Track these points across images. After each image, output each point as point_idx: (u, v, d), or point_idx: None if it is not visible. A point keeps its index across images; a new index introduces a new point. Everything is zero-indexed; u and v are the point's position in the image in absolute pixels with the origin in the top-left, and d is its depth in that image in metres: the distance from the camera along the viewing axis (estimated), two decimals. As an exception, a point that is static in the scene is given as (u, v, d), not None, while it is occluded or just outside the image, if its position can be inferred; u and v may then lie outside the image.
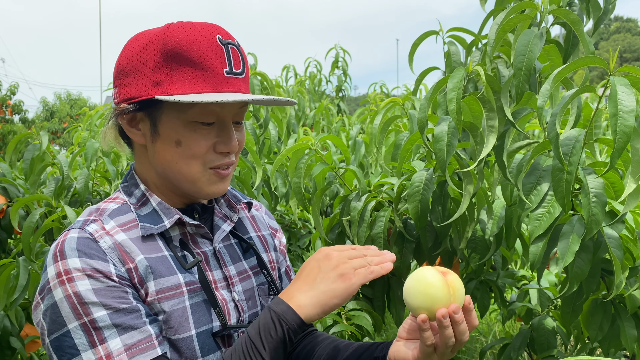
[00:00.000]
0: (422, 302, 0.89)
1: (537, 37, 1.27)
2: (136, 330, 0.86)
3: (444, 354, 0.92)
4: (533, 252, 1.28)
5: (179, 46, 0.90)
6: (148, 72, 0.92)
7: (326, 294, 0.87)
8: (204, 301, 0.96)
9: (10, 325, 2.11)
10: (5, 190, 2.66)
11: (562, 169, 1.21)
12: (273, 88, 2.50)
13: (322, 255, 0.91)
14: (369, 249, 0.94)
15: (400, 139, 1.78)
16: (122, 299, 0.87)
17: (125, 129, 0.98)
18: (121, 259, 0.90)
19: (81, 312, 0.85)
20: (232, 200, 1.09)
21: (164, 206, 0.98)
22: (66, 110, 23.56)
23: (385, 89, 5.27)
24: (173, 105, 0.93)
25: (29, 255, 1.93)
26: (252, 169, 2.21)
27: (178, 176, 0.97)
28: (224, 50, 0.93)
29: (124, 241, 0.92)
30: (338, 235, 1.87)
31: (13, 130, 15.23)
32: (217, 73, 0.92)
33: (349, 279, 0.87)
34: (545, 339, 1.83)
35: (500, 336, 3.32)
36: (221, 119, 0.96)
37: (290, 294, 0.89)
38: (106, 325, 0.85)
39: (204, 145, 0.94)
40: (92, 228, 0.92)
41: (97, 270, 0.87)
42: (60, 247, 0.88)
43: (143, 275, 0.91)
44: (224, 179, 0.99)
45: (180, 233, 0.99)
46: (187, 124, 0.93)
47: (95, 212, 0.97)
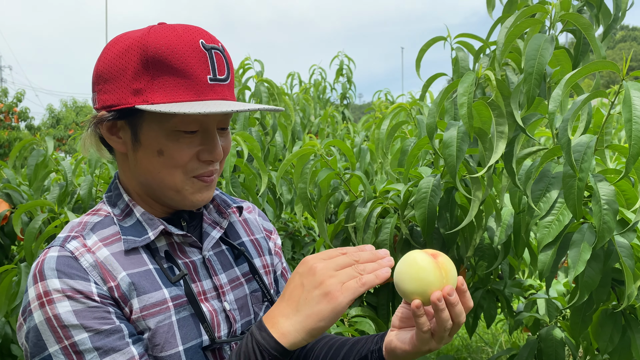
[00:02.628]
0: (415, 287, 0.85)
1: (548, 41, 1.25)
2: (118, 352, 0.83)
3: (442, 339, 0.89)
4: (542, 261, 1.26)
5: (160, 52, 0.86)
6: (128, 79, 0.88)
7: (311, 317, 0.78)
8: (192, 315, 0.92)
9: (11, 333, 2.09)
10: (9, 197, 2.65)
11: (573, 176, 1.18)
12: (280, 95, 2.49)
13: (306, 268, 0.81)
14: (362, 251, 0.84)
15: (407, 144, 1.76)
16: (104, 320, 0.84)
17: (105, 137, 0.94)
18: (103, 277, 0.87)
19: (62, 336, 0.82)
20: (222, 206, 1.05)
21: (147, 217, 0.94)
22: (72, 117, 23.68)
23: (390, 97, 5.26)
24: (154, 114, 0.89)
25: (31, 262, 1.92)
26: (258, 176, 2.19)
27: (161, 185, 0.93)
28: (208, 56, 0.89)
29: (106, 258, 0.89)
30: (343, 242, 1.85)
31: (19, 137, 15.31)
32: (200, 80, 0.88)
33: (334, 298, 0.77)
34: (554, 350, 1.79)
35: (507, 347, 3.28)
36: (205, 127, 0.92)
37: (273, 319, 0.82)
38: (87, 349, 0.82)
39: (187, 154, 0.91)
40: (72, 245, 0.88)
41: (78, 290, 0.84)
42: (40, 267, 0.85)
43: (126, 293, 0.88)
44: (208, 187, 0.95)
45: (167, 243, 0.96)
46: (169, 133, 0.89)
47: (77, 226, 0.93)
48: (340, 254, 0.83)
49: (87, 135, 0.96)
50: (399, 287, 0.88)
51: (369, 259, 0.83)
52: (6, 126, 16.05)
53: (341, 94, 5.60)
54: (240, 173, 2.25)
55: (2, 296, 1.92)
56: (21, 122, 17.21)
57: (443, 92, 1.42)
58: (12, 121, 16.32)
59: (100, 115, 0.91)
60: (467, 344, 4.23)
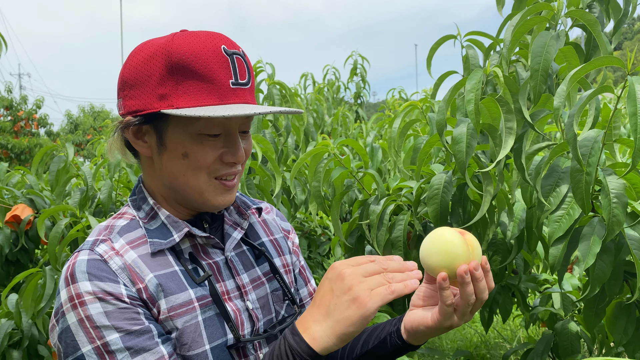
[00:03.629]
0: (442, 261, 0.87)
1: (554, 38, 1.26)
2: (148, 352, 0.86)
3: (464, 314, 0.91)
4: (553, 255, 1.27)
5: (184, 58, 0.89)
6: (153, 85, 0.91)
7: (341, 323, 0.80)
8: (217, 314, 0.95)
9: (38, 334, 2.16)
10: (32, 202, 2.73)
11: (580, 170, 1.20)
12: (292, 97, 2.52)
13: (335, 274, 0.83)
14: (390, 261, 0.85)
15: (419, 142, 1.78)
16: (134, 321, 0.87)
17: (131, 141, 0.97)
18: (131, 279, 0.90)
19: (94, 336, 0.85)
20: (242, 207, 1.08)
21: (172, 220, 0.97)
22: (90, 122, 24.03)
23: (404, 95, 5.27)
24: (179, 118, 0.92)
25: (55, 265, 1.98)
26: (272, 177, 2.23)
27: (185, 188, 0.96)
28: (230, 61, 0.91)
29: (134, 260, 0.92)
30: (357, 240, 1.88)
31: (39, 143, 15.58)
32: (223, 85, 0.90)
33: (363, 303, 0.78)
34: (569, 344, 1.80)
35: (524, 342, 3.27)
36: (228, 130, 0.95)
37: (305, 324, 0.83)
38: (119, 349, 0.85)
39: (211, 156, 0.93)
40: (101, 249, 0.91)
41: (108, 292, 0.87)
42: (71, 270, 0.88)
43: (154, 294, 0.90)
44: (230, 190, 0.98)
45: (191, 245, 0.98)
46: (193, 136, 0.92)
47: (105, 230, 0.96)
48: (369, 261, 0.84)
49: (114, 140, 1.00)
50: (425, 261, 0.90)
51: (397, 268, 0.83)
52: (26, 133, 16.35)
53: (355, 93, 5.62)
54: (255, 175, 2.29)
55: (28, 298, 1.98)
56: (41, 129, 17.51)
57: (452, 90, 1.45)
58: (32, 128, 16.62)
59: (127, 120, 0.94)
60: (486, 340, 4.22)
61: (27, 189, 2.76)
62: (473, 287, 0.88)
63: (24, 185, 2.92)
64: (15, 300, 2.12)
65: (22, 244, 2.62)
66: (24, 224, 2.59)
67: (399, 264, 0.84)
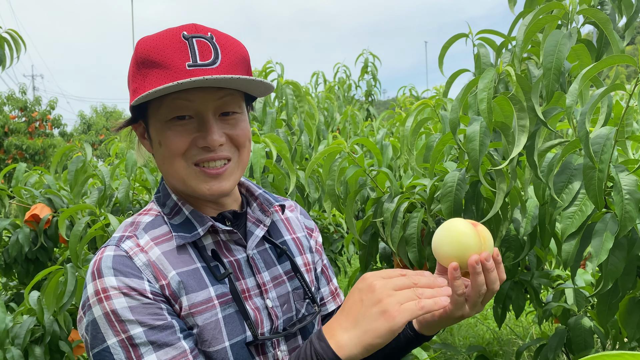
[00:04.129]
0: (454, 251, 0.89)
1: (566, 37, 1.28)
2: (171, 347, 0.88)
3: (475, 305, 0.93)
4: (566, 251, 1.29)
5: (145, 52, 0.92)
6: (129, 84, 0.96)
7: (368, 334, 0.80)
8: (237, 312, 0.96)
9: (59, 330, 2.21)
10: (50, 201, 2.79)
11: (593, 167, 1.21)
12: (305, 96, 2.55)
13: (365, 285, 0.83)
14: (421, 276, 0.84)
15: (431, 140, 1.80)
16: (157, 316, 0.89)
17: (140, 142, 1.02)
18: (155, 276, 0.92)
19: (119, 330, 0.87)
20: (265, 204, 1.08)
21: (197, 214, 0.99)
22: (102, 122, 24.24)
23: (414, 92, 5.28)
24: (153, 110, 0.95)
25: (76, 262, 2.02)
26: (286, 176, 2.26)
27: (170, 178, 0.98)
28: (188, 44, 0.91)
29: (158, 257, 0.94)
30: (371, 237, 1.90)
31: (53, 144, 15.77)
32: (178, 67, 0.89)
33: (392, 317, 0.79)
34: (583, 339, 1.82)
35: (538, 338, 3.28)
36: (199, 113, 0.94)
37: (332, 330, 0.84)
38: (142, 342, 0.87)
39: (181, 141, 0.93)
40: (127, 245, 0.94)
41: (132, 288, 0.89)
42: (98, 266, 0.91)
43: (176, 291, 0.93)
44: (215, 178, 0.96)
45: (214, 242, 1.00)
46: (163, 124, 0.94)
47: (130, 226, 0.99)
48: (400, 275, 0.84)
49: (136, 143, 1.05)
50: (437, 251, 0.92)
51: (427, 284, 0.83)
52: (40, 133, 16.54)
53: (366, 91, 5.64)
54: (269, 173, 2.32)
55: (50, 296, 2.03)
56: (55, 129, 17.72)
57: (465, 89, 1.46)
58: (46, 128, 16.82)
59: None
60: (498, 336, 4.23)
61: (45, 189, 2.81)
62: (484, 277, 0.90)
63: (41, 185, 2.98)
64: (37, 297, 2.17)
65: (42, 243, 2.67)
66: (43, 222, 2.65)
67: (429, 279, 0.84)
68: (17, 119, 16.23)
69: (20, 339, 2.10)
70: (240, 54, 0.96)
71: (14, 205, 2.90)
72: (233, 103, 0.97)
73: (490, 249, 0.91)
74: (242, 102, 1.00)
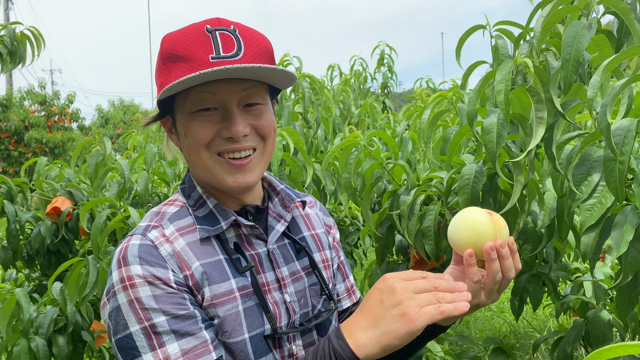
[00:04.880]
0: (469, 238, 0.90)
1: (586, 28, 1.27)
2: (192, 336, 0.90)
3: (492, 293, 0.93)
4: (584, 243, 1.28)
5: (170, 47, 0.94)
6: (157, 78, 0.98)
7: (387, 335, 0.81)
8: (257, 305, 0.98)
9: (81, 320, 2.25)
10: (71, 194, 2.83)
11: (614, 159, 1.20)
12: (321, 89, 2.55)
13: (386, 286, 0.84)
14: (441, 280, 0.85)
15: (448, 132, 1.79)
16: (180, 305, 0.91)
17: (168, 135, 1.04)
18: (179, 266, 0.94)
19: (142, 317, 0.89)
20: (286, 199, 1.10)
21: (220, 208, 1.01)
22: (120, 116, 24.49)
23: (431, 84, 5.24)
24: (179, 103, 0.97)
25: (98, 254, 2.06)
26: (303, 168, 2.27)
27: (197, 169, 1.00)
28: (211, 37, 0.92)
29: (182, 248, 0.96)
30: (388, 229, 1.91)
31: (72, 138, 15.98)
32: (202, 60, 0.91)
33: (411, 320, 0.79)
34: (601, 332, 1.81)
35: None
36: (223, 104, 0.95)
37: (351, 330, 0.85)
38: (165, 331, 0.89)
39: (206, 132, 0.95)
40: (153, 235, 0.96)
41: (157, 277, 0.91)
42: (124, 254, 0.93)
43: (199, 282, 0.94)
44: (240, 169, 0.97)
45: (236, 235, 1.02)
46: (188, 115, 0.96)
47: (156, 216, 1.01)
48: (421, 277, 0.84)
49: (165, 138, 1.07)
50: (452, 239, 0.93)
51: (448, 288, 0.84)
52: (59, 127, 16.77)
53: (382, 83, 5.61)
54: (286, 166, 2.34)
55: (72, 286, 2.07)
56: (73, 123, 17.95)
57: (482, 80, 1.46)
58: (64, 122, 17.05)
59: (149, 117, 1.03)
60: (515, 329, 4.21)
61: (66, 182, 2.86)
62: (499, 264, 0.91)
63: (62, 178, 3.03)
64: (60, 288, 2.22)
65: (63, 235, 2.72)
66: (63, 215, 2.70)
67: (449, 283, 0.85)
68: (36, 113, 16.47)
69: (44, 328, 2.15)
70: (264, 46, 0.97)
71: (35, 198, 2.96)
72: (257, 94, 0.98)
73: (506, 238, 0.92)
74: (266, 94, 1.01)
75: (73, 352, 2.27)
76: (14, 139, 15.46)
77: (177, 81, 0.88)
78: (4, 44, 2.96)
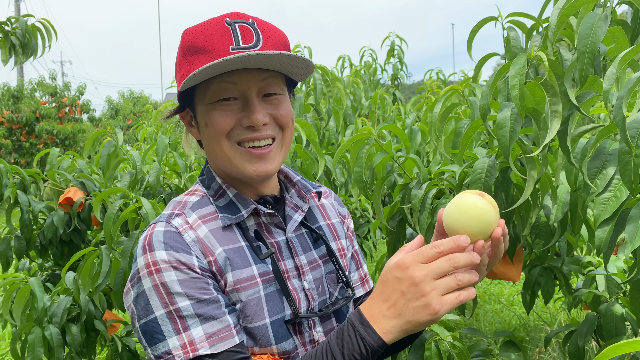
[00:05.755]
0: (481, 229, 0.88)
1: (602, 19, 1.25)
2: (216, 320, 0.91)
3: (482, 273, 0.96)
4: (599, 237, 1.28)
5: (191, 39, 0.96)
6: (177, 72, 1.00)
7: (411, 323, 0.84)
8: (277, 290, 1.00)
9: (94, 309, 2.28)
10: (83, 185, 2.86)
11: (629, 152, 1.19)
12: (334, 81, 2.55)
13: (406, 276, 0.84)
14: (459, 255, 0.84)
15: (460, 126, 1.79)
16: (204, 290, 0.92)
17: (187, 129, 1.06)
18: (203, 252, 0.95)
19: (167, 302, 0.90)
20: (302, 190, 1.11)
21: (240, 197, 1.02)
22: (129, 108, 24.59)
23: (442, 76, 5.21)
24: (199, 94, 0.99)
25: (111, 244, 2.08)
26: (315, 160, 2.27)
27: (217, 159, 1.01)
28: (231, 29, 0.94)
29: (206, 235, 0.97)
30: (399, 223, 1.91)
31: (82, 129, 16.08)
32: (222, 51, 0.93)
33: (434, 311, 0.83)
34: (614, 326, 1.80)
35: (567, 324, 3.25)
36: (243, 94, 0.97)
37: (375, 317, 0.87)
38: (190, 315, 0.90)
39: (227, 121, 0.97)
40: (177, 222, 0.97)
41: (182, 262, 0.92)
42: (149, 240, 0.94)
43: (222, 267, 0.96)
44: (261, 158, 0.99)
45: (255, 223, 1.04)
46: (209, 105, 0.97)
47: (179, 205, 1.03)
48: (436, 254, 0.84)
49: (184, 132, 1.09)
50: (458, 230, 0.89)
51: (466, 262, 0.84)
52: (70, 119, 16.88)
53: (392, 75, 5.58)
54: (298, 158, 2.34)
55: (85, 276, 2.10)
56: (84, 114, 18.05)
57: (496, 74, 1.45)
58: (75, 114, 17.15)
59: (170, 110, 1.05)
60: (525, 322, 4.21)
61: (78, 173, 2.89)
62: None
63: (74, 169, 3.05)
64: (73, 278, 2.24)
65: (75, 225, 2.75)
66: (76, 206, 2.72)
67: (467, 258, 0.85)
68: (47, 105, 16.58)
69: (58, 317, 2.17)
70: (281, 39, 1.00)
71: (48, 188, 2.99)
72: (275, 85, 1.00)
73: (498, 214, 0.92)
74: (283, 84, 1.03)
75: (86, 340, 2.30)
76: (25, 130, 15.58)
77: (199, 69, 0.89)
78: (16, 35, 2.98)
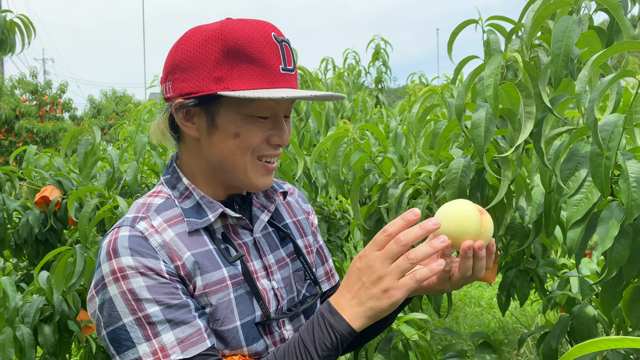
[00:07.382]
0: (453, 231, 0.91)
1: (576, 23, 1.27)
2: (187, 325, 0.91)
3: (457, 285, 0.98)
4: (570, 238, 1.29)
5: (239, 43, 0.92)
6: (209, 68, 0.93)
7: (373, 309, 0.88)
8: (247, 292, 0.99)
9: (67, 309, 2.24)
10: (60, 184, 2.81)
11: (600, 155, 1.21)
12: (314, 82, 2.55)
13: (364, 265, 0.88)
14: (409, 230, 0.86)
15: (438, 127, 1.80)
16: (173, 295, 0.91)
17: (179, 123, 0.99)
18: (170, 256, 0.94)
19: (136, 308, 0.89)
20: (269, 190, 1.11)
21: (207, 200, 1.01)
22: (112, 107, 24.33)
23: (424, 80, 5.24)
24: (232, 100, 0.95)
25: (85, 243, 2.05)
26: (294, 161, 2.27)
27: (233, 167, 0.99)
28: (279, 47, 0.95)
29: (172, 239, 0.96)
30: (376, 223, 1.91)
31: (63, 128, 15.86)
32: (274, 69, 0.94)
33: (392, 295, 0.86)
34: (586, 327, 1.82)
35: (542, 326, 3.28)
36: (275, 113, 1.00)
37: (341, 306, 0.90)
38: (159, 321, 0.89)
39: (260, 137, 0.98)
40: (142, 226, 0.95)
41: (149, 268, 0.90)
42: (113, 246, 0.92)
43: (191, 271, 0.95)
44: (270, 173, 1.03)
45: (222, 225, 1.03)
46: (245, 117, 0.96)
47: (142, 207, 1.00)
48: (386, 237, 0.87)
49: (161, 121, 1.03)
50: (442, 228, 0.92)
51: (415, 237, 0.86)
52: (51, 117, 16.64)
53: (376, 77, 5.60)
54: (276, 158, 2.33)
55: (59, 275, 2.06)
56: (65, 113, 17.82)
57: (472, 75, 1.46)
58: (56, 112, 16.92)
59: (179, 102, 0.96)
60: (504, 325, 4.24)
61: (55, 171, 2.84)
62: (472, 263, 0.94)
63: (51, 167, 3.00)
64: (47, 277, 2.20)
65: (51, 224, 2.71)
66: (52, 204, 2.68)
67: (415, 232, 0.86)
68: (28, 103, 16.33)
69: (30, 317, 2.13)
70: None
71: (24, 187, 2.94)
72: (292, 107, 1.06)
73: (488, 240, 0.94)
74: None
75: (59, 341, 2.26)
76: (5, 128, 15.32)
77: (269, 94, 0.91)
78: (-6, 30, 2.93)
